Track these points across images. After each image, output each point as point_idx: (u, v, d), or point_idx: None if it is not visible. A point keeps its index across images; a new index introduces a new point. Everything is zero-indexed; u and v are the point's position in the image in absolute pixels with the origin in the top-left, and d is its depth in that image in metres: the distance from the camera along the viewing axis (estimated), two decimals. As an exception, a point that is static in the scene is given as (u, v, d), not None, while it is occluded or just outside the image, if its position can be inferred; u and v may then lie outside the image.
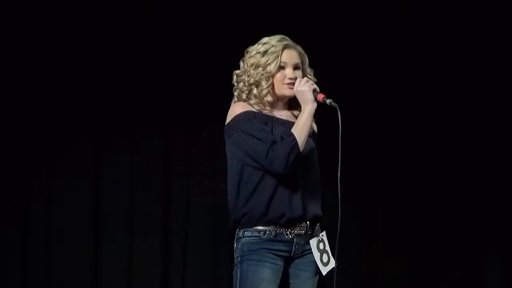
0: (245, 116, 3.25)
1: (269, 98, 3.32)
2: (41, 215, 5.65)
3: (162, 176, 5.78)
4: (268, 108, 3.33)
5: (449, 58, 5.92)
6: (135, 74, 5.72)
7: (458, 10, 5.83)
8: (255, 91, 3.31)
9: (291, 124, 3.26)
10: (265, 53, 3.30)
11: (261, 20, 5.46)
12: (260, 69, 3.29)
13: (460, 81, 5.94)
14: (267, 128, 3.25)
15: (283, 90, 3.31)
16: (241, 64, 3.36)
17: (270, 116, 3.32)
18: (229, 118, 3.29)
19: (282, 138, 3.21)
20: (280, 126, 3.28)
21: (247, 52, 3.35)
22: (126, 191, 5.74)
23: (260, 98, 3.31)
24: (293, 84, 3.29)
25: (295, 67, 3.31)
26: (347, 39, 5.84)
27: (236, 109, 3.29)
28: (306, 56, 3.37)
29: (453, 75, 5.95)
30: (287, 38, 3.35)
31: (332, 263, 3.30)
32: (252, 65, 3.31)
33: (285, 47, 3.31)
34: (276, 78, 3.30)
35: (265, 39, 3.34)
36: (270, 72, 3.29)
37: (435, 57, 5.92)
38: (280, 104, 3.37)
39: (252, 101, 3.32)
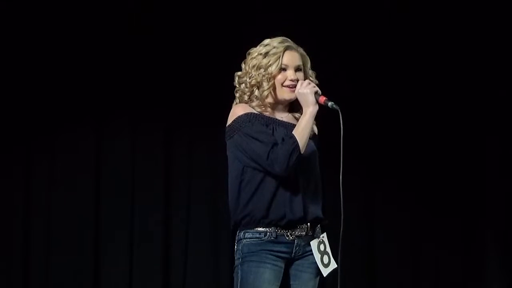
0: (246, 117, 3.25)
1: (269, 99, 3.32)
2: (42, 215, 5.65)
3: (163, 176, 5.78)
4: (269, 110, 3.33)
5: (449, 58, 5.93)
6: (136, 75, 5.72)
7: (458, 10, 5.83)
8: (256, 92, 3.31)
9: (292, 126, 3.27)
10: (266, 54, 3.30)
11: (262, 21, 5.46)
12: (262, 70, 3.29)
13: (460, 81, 5.94)
14: (268, 130, 3.25)
15: (284, 93, 3.31)
16: (243, 65, 3.36)
17: (271, 118, 3.32)
18: (230, 119, 3.29)
19: (283, 140, 3.21)
20: (281, 128, 3.28)
21: (249, 53, 3.35)
22: (127, 191, 5.74)
23: (261, 99, 3.31)
24: (294, 86, 3.29)
25: (297, 69, 3.31)
26: (347, 40, 5.84)
27: (237, 110, 3.29)
28: (308, 58, 3.37)
29: (453, 76, 5.95)
30: (288, 40, 3.35)
31: (333, 265, 3.30)
32: (253, 66, 3.30)
33: (286, 48, 3.30)
34: (277, 80, 3.30)
35: (266, 41, 3.34)
36: (271, 73, 3.28)
37: (435, 57, 5.92)
38: (281, 106, 3.37)
39: (254, 103, 3.32)
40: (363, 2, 5.85)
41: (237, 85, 3.37)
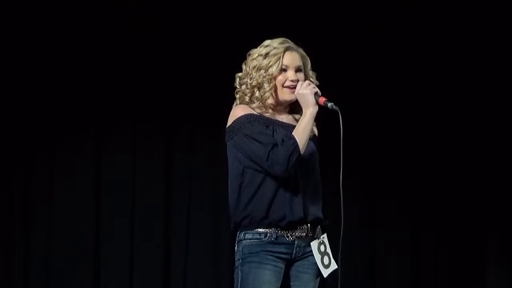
0: (246, 119, 3.25)
1: (271, 100, 3.32)
2: (42, 215, 5.64)
3: (163, 176, 5.78)
4: (269, 111, 3.33)
5: (450, 58, 5.92)
6: (137, 75, 5.71)
7: (458, 10, 5.82)
8: (257, 93, 3.31)
9: (292, 127, 3.27)
10: (266, 55, 3.29)
11: (263, 22, 5.46)
12: (262, 71, 3.29)
13: (461, 82, 5.94)
14: (268, 131, 3.25)
15: (284, 94, 3.31)
16: (243, 67, 3.36)
17: (271, 119, 3.31)
18: (230, 121, 3.29)
19: (283, 141, 3.21)
20: (281, 129, 3.28)
21: (249, 54, 3.35)
22: (127, 191, 5.74)
23: (262, 100, 3.30)
24: (295, 87, 3.29)
25: (297, 70, 3.31)
26: (348, 40, 5.84)
27: (237, 112, 3.29)
28: (308, 59, 3.37)
29: (454, 76, 5.94)
30: (289, 40, 3.35)
31: (333, 266, 3.30)
32: (254, 67, 3.30)
33: (286, 49, 3.30)
34: (277, 81, 3.30)
35: (267, 42, 3.34)
36: (272, 74, 3.28)
37: (436, 58, 5.92)
38: (282, 107, 3.36)
39: (254, 105, 3.32)
40: (363, 2, 5.84)
41: (237, 86, 3.37)
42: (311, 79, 3.34)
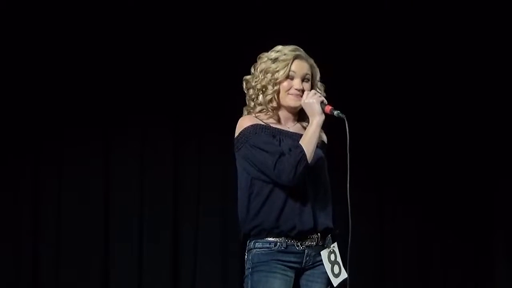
0: (252, 129, 3.25)
1: (273, 104, 3.31)
2: (52, 218, 5.65)
3: (172, 187, 5.78)
4: (275, 117, 3.33)
5: (451, 60, 5.92)
6: (145, 81, 5.71)
7: (458, 10, 5.81)
8: (260, 97, 3.31)
9: (299, 136, 3.25)
10: (275, 60, 3.29)
11: (273, 28, 5.46)
12: (269, 75, 3.29)
13: (468, 85, 5.93)
14: (274, 141, 3.24)
15: (288, 100, 3.30)
16: (252, 69, 3.36)
17: (278, 129, 3.31)
18: (237, 132, 3.29)
19: (290, 150, 3.20)
20: (288, 139, 3.27)
21: (259, 57, 3.35)
22: (136, 195, 5.74)
23: (264, 103, 3.30)
24: (300, 95, 3.28)
25: (304, 79, 3.31)
26: (354, 48, 5.83)
27: (244, 122, 3.29)
28: (318, 70, 3.36)
29: (461, 80, 5.93)
30: (300, 49, 3.34)
31: (344, 275, 3.29)
32: (262, 70, 3.30)
33: (296, 57, 3.30)
34: (282, 86, 3.30)
35: (278, 47, 3.34)
36: (277, 79, 3.28)
37: (437, 60, 5.91)
38: (289, 116, 3.36)
39: (258, 108, 3.32)
40: (363, 2, 5.84)
41: (245, 90, 3.37)
42: (318, 90, 3.33)
